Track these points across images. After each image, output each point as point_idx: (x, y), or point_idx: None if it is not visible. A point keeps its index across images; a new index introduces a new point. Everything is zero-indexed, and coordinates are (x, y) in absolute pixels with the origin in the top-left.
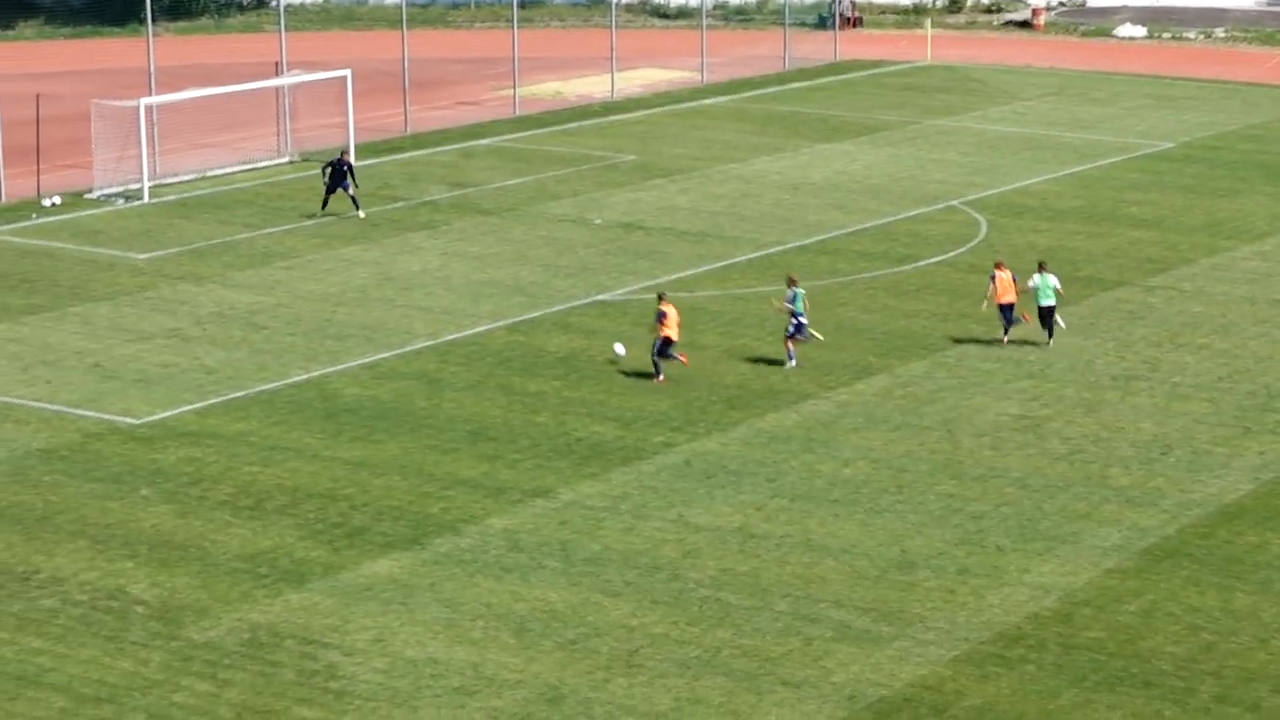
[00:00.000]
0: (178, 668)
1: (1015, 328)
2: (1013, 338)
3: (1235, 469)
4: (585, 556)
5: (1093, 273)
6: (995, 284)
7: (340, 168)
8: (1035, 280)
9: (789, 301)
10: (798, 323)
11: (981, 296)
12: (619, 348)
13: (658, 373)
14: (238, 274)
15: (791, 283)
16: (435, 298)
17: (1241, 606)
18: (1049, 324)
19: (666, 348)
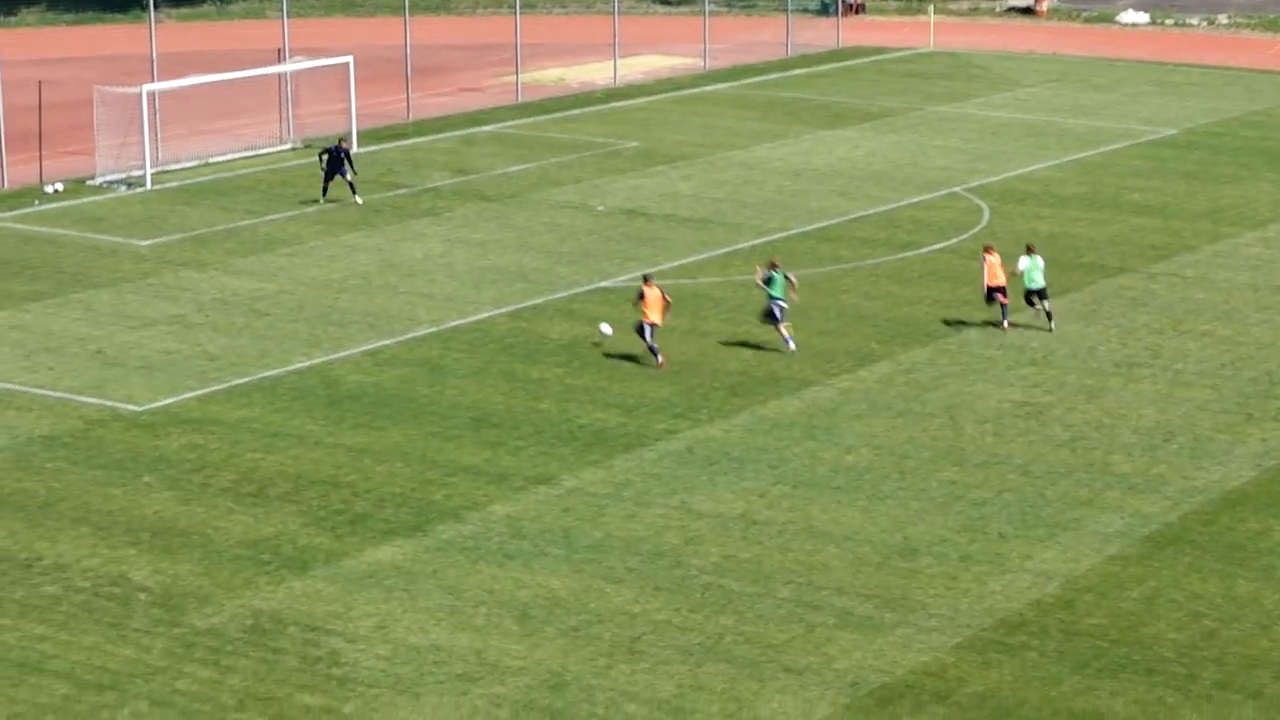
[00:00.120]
0: (180, 654)
1: (1010, 312)
2: (1014, 321)
3: (1237, 456)
4: (588, 543)
5: (1095, 259)
6: (985, 268)
7: (338, 154)
8: (1024, 263)
9: (765, 283)
10: (778, 306)
11: (979, 284)
12: (605, 328)
13: (655, 355)
14: (240, 260)
15: (773, 266)
16: (438, 284)
17: (1243, 593)
18: (1034, 306)
19: (643, 330)
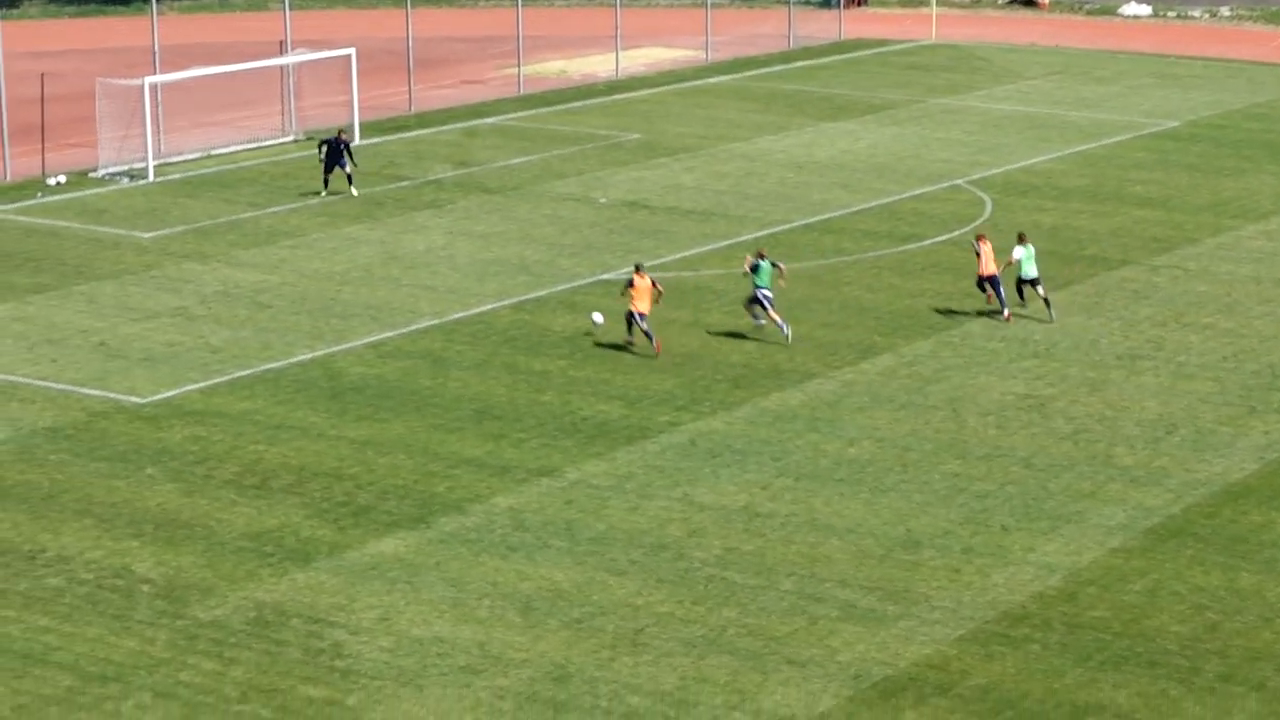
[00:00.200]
0: (183, 646)
1: (994, 301)
2: (1015, 311)
3: (1240, 448)
4: (590, 535)
5: (1097, 252)
6: (980, 257)
7: (337, 145)
8: (1019, 252)
9: (751, 270)
10: (763, 294)
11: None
12: (597, 316)
13: (650, 339)
14: (242, 253)
15: (760, 254)
16: (440, 277)
17: (1246, 586)
18: (1023, 296)
19: (632, 319)
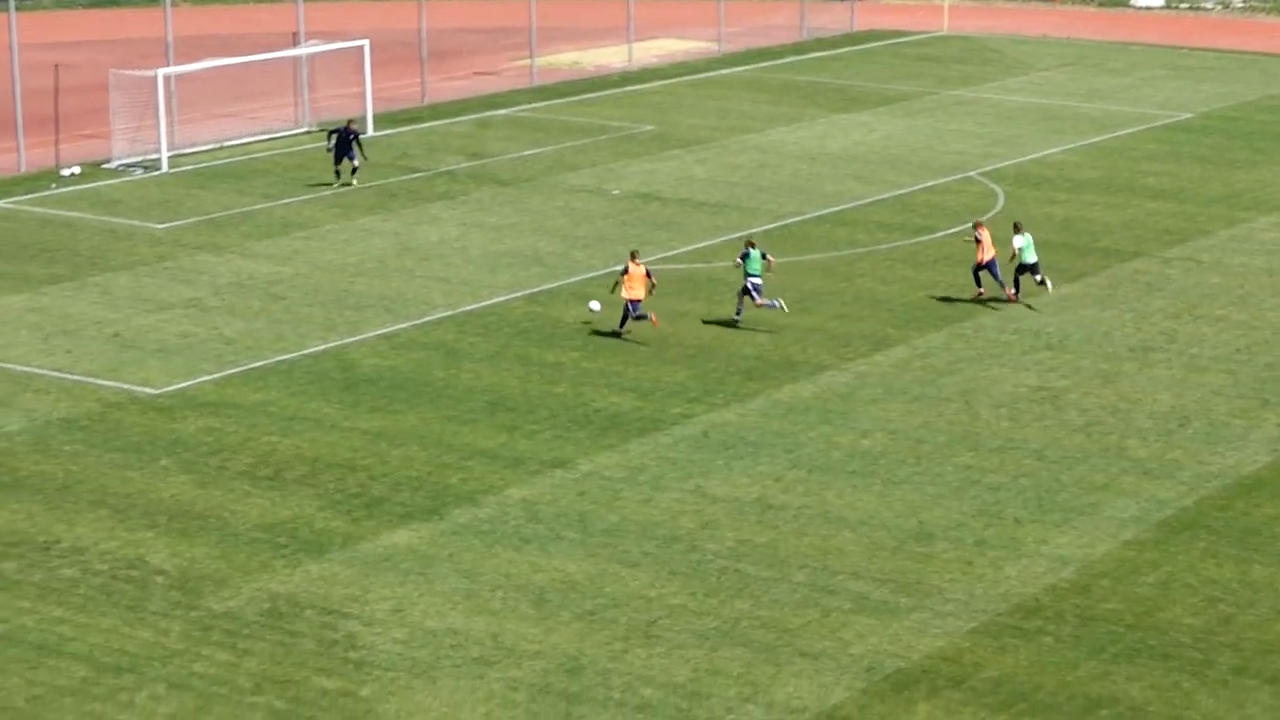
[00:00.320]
0: (197, 637)
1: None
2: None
3: (1253, 441)
4: (603, 527)
5: (1110, 244)
6: (981, 244)
7: (346, 136)
8: (1019, 241)
9: (742, 259)
10: (752, 283)
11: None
12: (594, 305)
13: (646, 318)
14: (256, 244)
15: (749, 244)
16: (453, 268)
17: (1259, 578)
18: (1032, 279)
19: (628, 308)
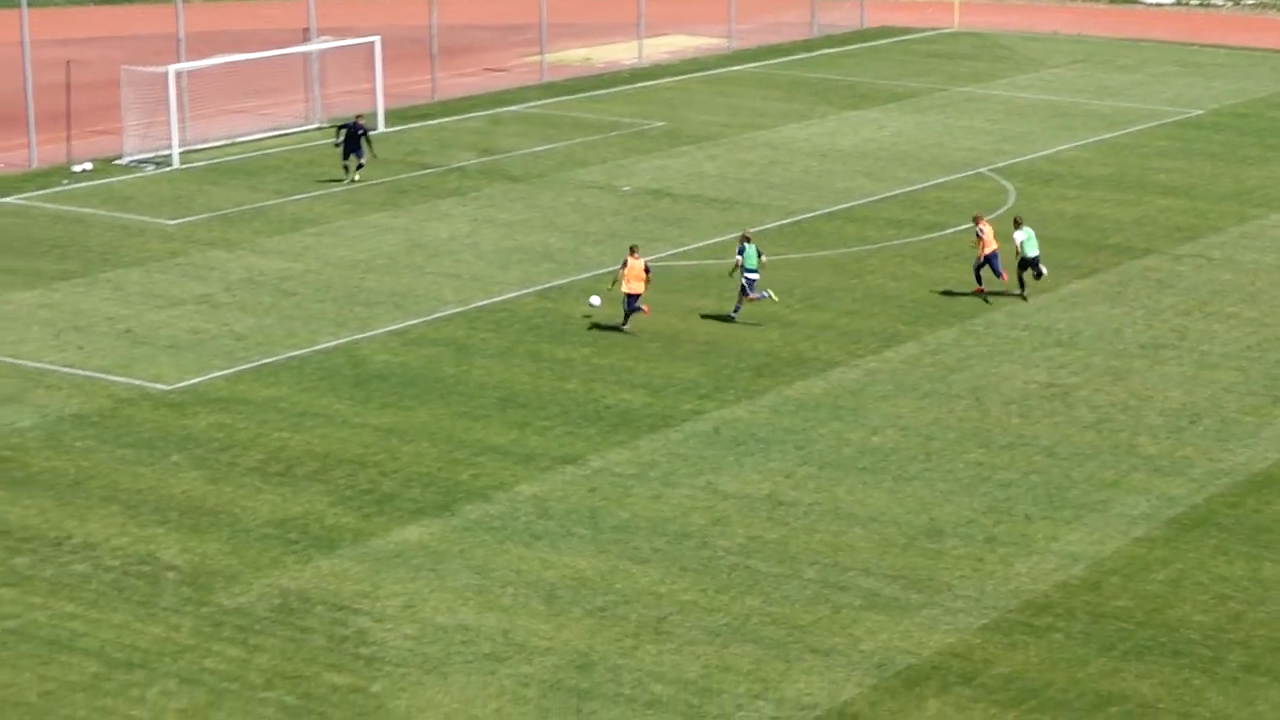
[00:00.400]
0: (209, 633)
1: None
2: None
3: (1264, 438)
4: (614, 524)
5: (1121, 240)
6: (982, 238)
7: (355, 132)
8: (1020, 235)
9: (739, 253)
10: (748, 278)
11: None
12: (594, 300)
13: (639, 310)
14: (267, 240)
15: (745, 239)
16: (464, 264)
17: (1269, 576)
18: (1032, 273)
19: (627, 302)
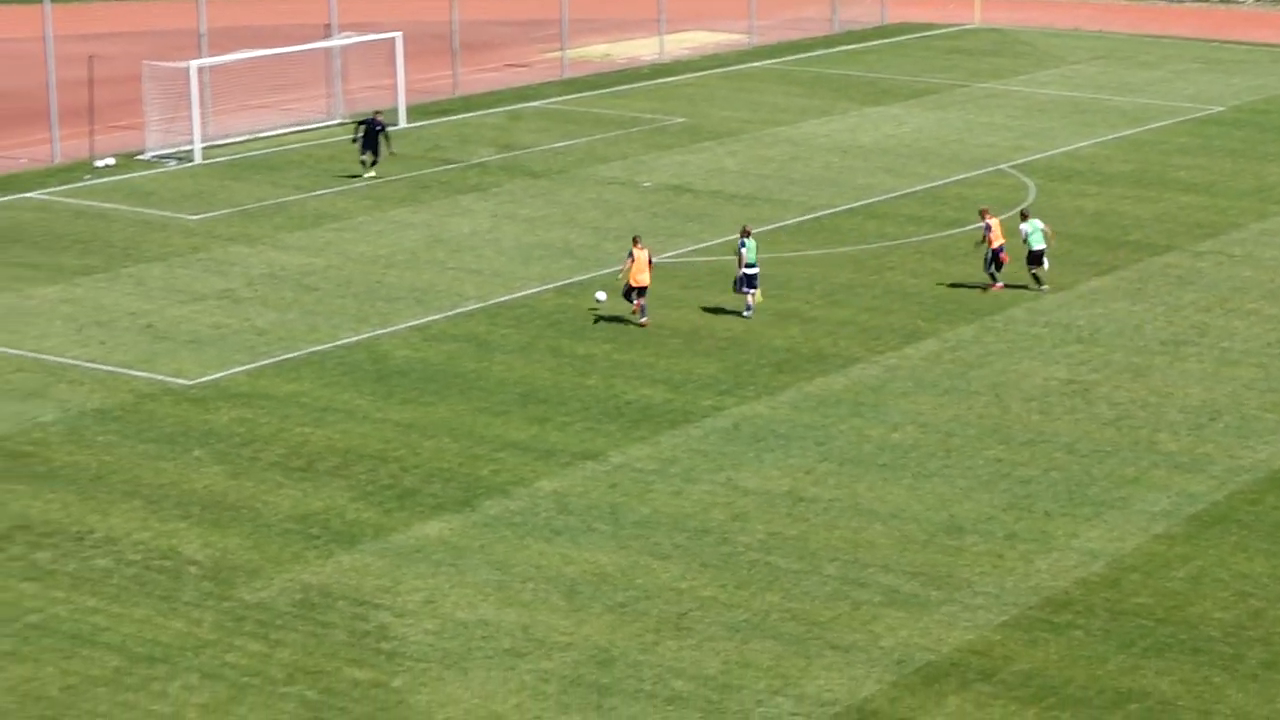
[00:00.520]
0: (230, 628)
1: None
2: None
3: None
4: (635, 519)
5: (1141, 237)
6: (990, 231)
7: (374, 128)
8: (1025, 227)
9: (740, 248)
10: (745, 274)
11: (978, 241)
12: (600, 295)
13: (640, 312)
14: (288, 235)
15: (745, 233)
16: (485, 260)
17: None
18: (1038, 266)
19: (629, 292)
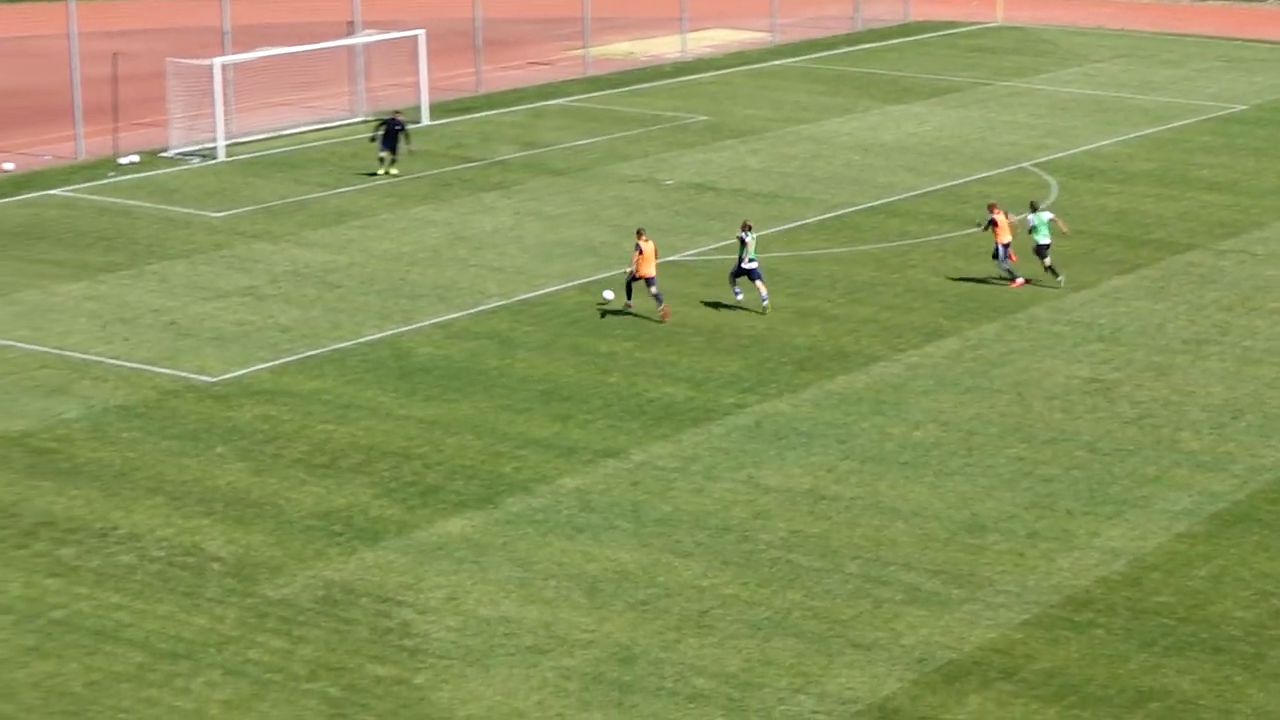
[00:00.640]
0: (253, 624)
1: (1013, 266)
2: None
3: None
4: (656, 517)
5: (1164, 236)
6: (998, 225)
7: (393, 127)
8: (1032, 219)
9: (745, 242)
10: (742, 268)
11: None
12: (608, 294)
13: (659, 303)
14: (311, 233)
15: (746, 227)
16: (507, 257)
17: None
18: (1055, 270)
19: (634, 283)
